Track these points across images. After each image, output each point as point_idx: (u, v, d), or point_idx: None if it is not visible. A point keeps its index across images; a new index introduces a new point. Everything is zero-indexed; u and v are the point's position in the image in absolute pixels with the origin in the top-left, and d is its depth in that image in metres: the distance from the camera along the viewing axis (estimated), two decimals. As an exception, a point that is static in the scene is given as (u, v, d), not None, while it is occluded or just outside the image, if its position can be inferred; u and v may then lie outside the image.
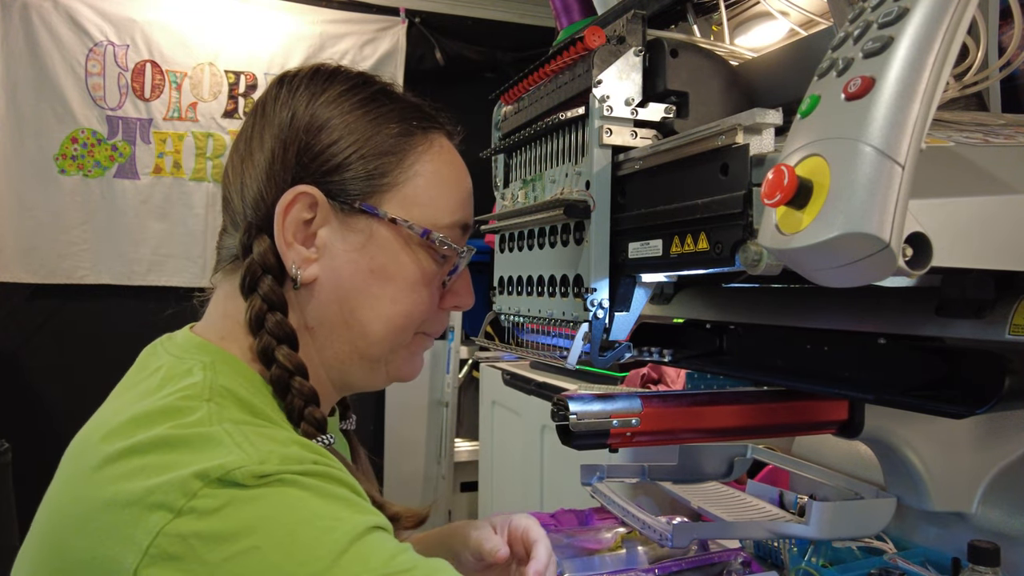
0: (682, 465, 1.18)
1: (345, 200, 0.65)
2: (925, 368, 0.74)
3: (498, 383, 1.35)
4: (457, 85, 3.16)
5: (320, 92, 0.67)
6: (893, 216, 0.45)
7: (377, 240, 0.66)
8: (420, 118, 0.70)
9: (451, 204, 0.70)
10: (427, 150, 0.69)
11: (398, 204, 0.67)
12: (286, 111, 0.66)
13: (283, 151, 0.65)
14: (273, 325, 0.63)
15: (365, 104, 0.67)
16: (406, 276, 0.67)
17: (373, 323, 0.67)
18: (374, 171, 0.66)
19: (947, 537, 0.98)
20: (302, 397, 0.63)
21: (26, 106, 2.62)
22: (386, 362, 0.70)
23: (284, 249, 0.64)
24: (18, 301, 2.62)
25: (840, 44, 0.52)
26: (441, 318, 0.74)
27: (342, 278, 0.65)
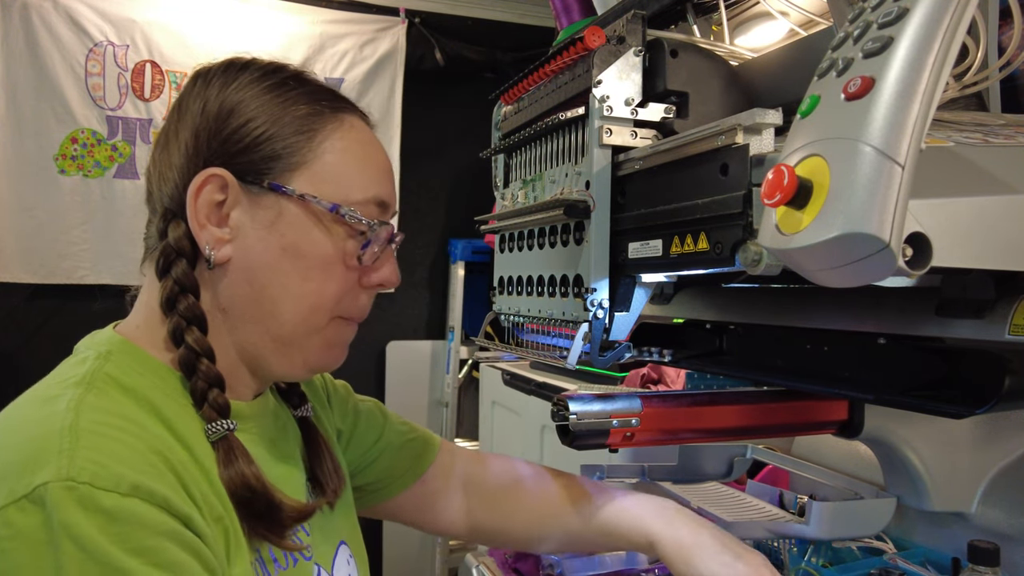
0: (682, 465, 1.19)
1: (254, 180, 0.66)
2: (925, 368, 0.74)
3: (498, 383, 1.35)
4: (457, 85, 3.16)
5: (231, 80, 0.68)
6: (893, 216, 0.45)
7: (287, 217, 0.67)
8: (330, 99, 0.71)
9: (363, 180, 0.70)
10: (337, 129, 0.70)
11: (307, 181, 0.67)
12: (199, 102, 0.68)
13: (195, 139, 0.67)
14: (184, 308, 0.65)
15: (274, 88, 0.69)
16: (318, 253, 0.67)
17: (283, 301, 0.67)
18: (282, 150, 0.67)
19: (947, 537, 0.98)
20: (206, 380, 0.64)
21: (26, 106, 2.62)
22: (300, 348, 0.70)
23: (198, 231, 0.65)
24: (18, 301, 2.62)
25: (840, 44, 0.52)
26: (361, 299, 0.73)
27: (253, 257, 0.66)
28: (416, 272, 3.22)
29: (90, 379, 0.61)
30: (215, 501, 0.61)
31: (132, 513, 0.52)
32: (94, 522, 0.51)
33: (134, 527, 0.52)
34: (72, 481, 0.51)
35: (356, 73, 2.97)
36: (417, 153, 3.10)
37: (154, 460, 0.56)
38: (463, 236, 3.14)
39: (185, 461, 0.60)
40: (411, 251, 3.17)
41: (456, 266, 3.11)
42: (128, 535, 0.52)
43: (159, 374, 0.66)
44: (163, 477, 0.56)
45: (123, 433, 0.57)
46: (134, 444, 0.56)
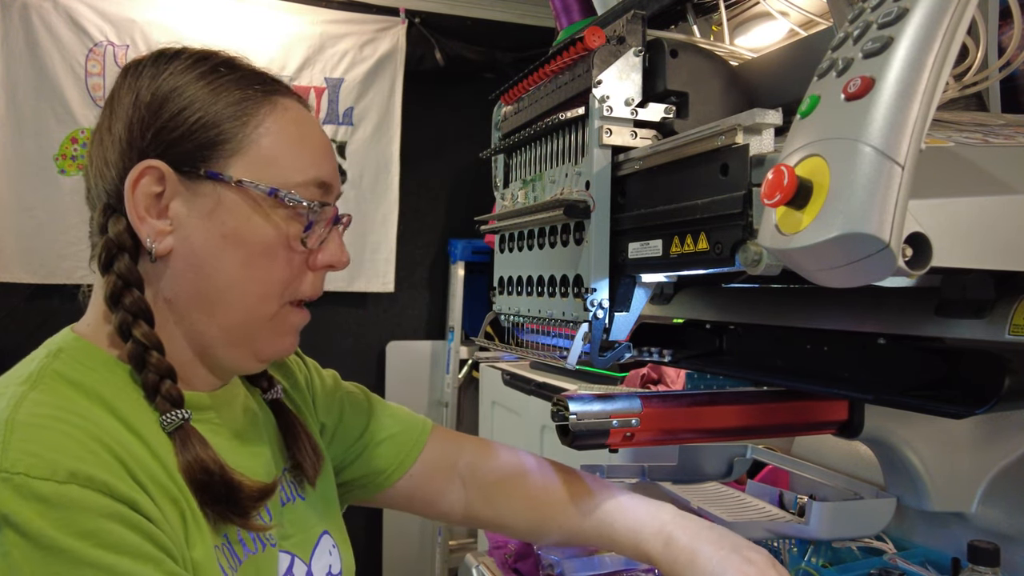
0: (682, 465, 1.19)
1: (190, 169, 0.65)
2: (925, 368, 0.74)
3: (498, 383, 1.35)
4: (457, 85, 3.16)
5: (162, 70, 0.68)
6: (893, 216, 0.45)
7: (226, 205, 0.66)
8: (263, 82, 0.70)
9: (301, 162, 0.69)
10: (271, 112, 0.69)
11: (244, 167, 0.66)
12: (131, 94, 0.67)
13: (128, 131, 0.66)
14: (129, 302, 0.65)
15: (205, 76, 0.68)
16: (260, 238, 0.67)
17: (229, 290, 0.67)
18: (216, 137, 0.66)
19: (947, 537, 0.98)
20: (157, 372, 0.65)
21: (26, 106, 2.62)
22: (250, 337, 0.70)
23: (138, 224, 0.65)
24: (18, 301, 2.62)
25: (840, 44, 0.52)
26: (312, 281, 0.72)
27: (195, 247, 0.66)
28: (416, 272, 3.22)
29: (36, 377, 0.62)
30: (170, 485, 0.61)
31: (71, 499, 0.52)
32: (34, 509, 0.51)
33: (74, 511, 0.52)
34: (6, 472, 0.52)
35: (356, 73, 2.97)
36: (417, 153, 3.10)
37: (94, 447, 0.56)
38: (463, 236, 3.14)
39: (134, 449, 0.60)
40: (411, 251, 3.17)
41: (456, 266, 3.12)
42: (70, 520, 0.52)
43: (110, 369, 0.66)
44: (104, 464, 0.56)
45: (60, 423, 0.57)
46: (72, 433, 0.56)
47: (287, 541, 0.75)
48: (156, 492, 0.59)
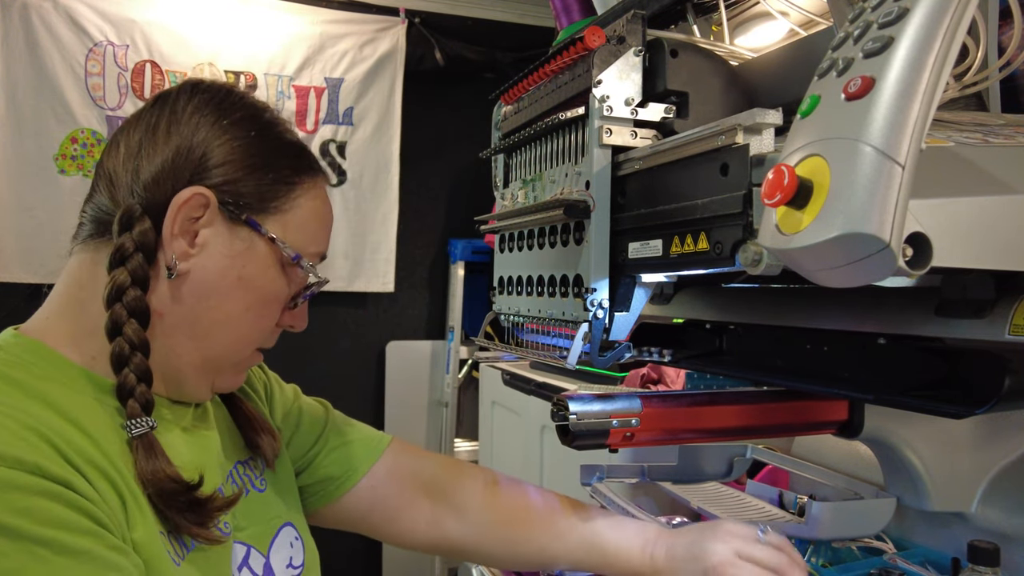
0: (682, 465, 1.18)
1: (235, 210, 0.70)
2: (925, 368, 0.74)
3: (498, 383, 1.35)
4: (457, 85, 3.16)
5: (233, 108, 0.72)
6: (893, 216, 0.45)
7: (254, 253, 0.71)
8: (310, 159, 0.77)
9: (318, 236, 0.77)
10: (311, 188, 0.76)
11: (279, 227, 0.72)
12: (196, 117, 0.71)
13: (188, 151, 0.69)
14: (131, 299, 0.66)
15: (266, 132, 0.73)
16: (268, 291, 0.73)
17: (221, 326, 0.71)
18: (266, 193, 0.72)
19: (947, 537, 0.98)
20: (137, 373, 0.66)
21: (26, 106, 2.62)
22: (218, 371, 0.74)
23: (168, 238, 0.68)
24: (18, 301, 2.62)
25: (840, 44, 0.52)
26: (275, 334, 0.78)
27: (210, 278, 0.70)
28: (416, 272, 3.22)
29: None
30: (107, 467, 0.61)
31: (2, 480, 0.53)
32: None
33: (7, 492, 0.53)
34: None
35: (356, 73, 2.97)
36: (417, 153, 3.10)
37: (24, 434, 0.57)
38: (463, 236, 3.14)
39: (68, 435, 0.60)
40: (411, 251, 3.17)
41: (456, 266, 3.11)
42: (3, 500, 0.53)
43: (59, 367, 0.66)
44: (35, 448, 0.57)
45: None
46: (2, 422, 0.57)
47: (241, 532, 0.75)
48: (92, 473, 0.60)
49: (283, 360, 0.89)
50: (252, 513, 0.78)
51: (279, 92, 2.90)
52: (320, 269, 0.78)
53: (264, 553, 0.77)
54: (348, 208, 2.99)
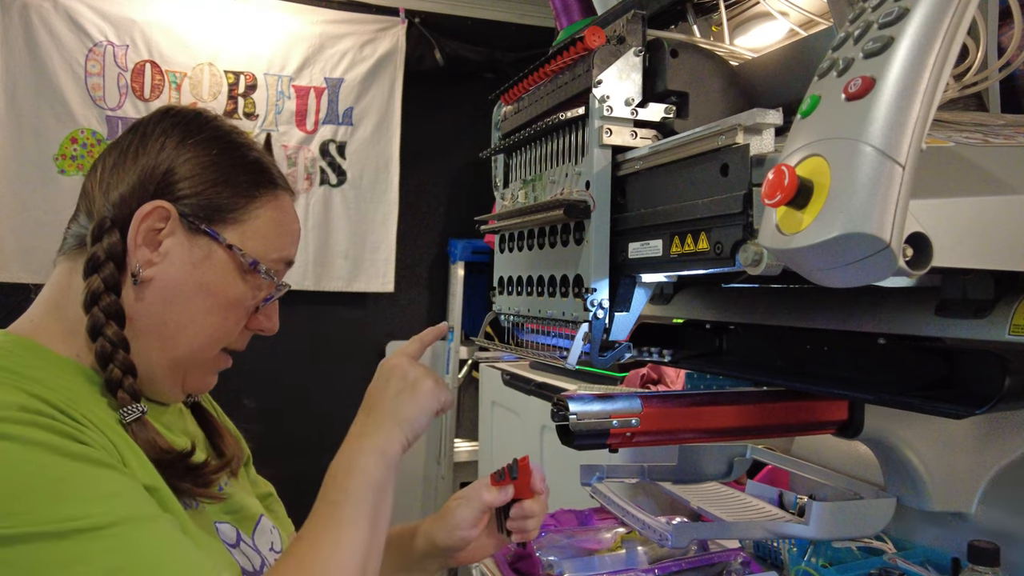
0: (682, 465, 1.18)
1: (194, 221, 0.76)
2: (925, 368, 0.74)
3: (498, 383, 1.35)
4: (457, 85, 3.15)
5: (195, 132, 0.79)
6: (894, 216, 0.45)
7: (213, 260, 0.77)
8: (271, 176, 0.82)
9: (281, 244, 0.82)
10: (271, 201, 0.81)
11: (238, 236, 0.78)
12: (163, 138, 0.77)
13: (153, 170, 0.76)
14: (106, 304, 0.73)
15: (229, 151, 0.80)
16: (228, 295, 0.78)
17: (186, 328, 0.77)
18: (224, 204, 0.78)
19: (947, 537, 0.98)
20: (122, 367, 0.72)
21: (25, 106, 2.62)
22: (187, 372, 0.79)
23: (132, 248, 0.74)
24: (17, 301, 2.62)
25: (840, 44, 0.52)
26: (244, 337, 0.83)
27: (172, 284, 0.76)
28: (416, 272, 3.22)
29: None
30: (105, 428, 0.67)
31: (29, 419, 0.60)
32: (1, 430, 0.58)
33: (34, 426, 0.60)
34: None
35: (356, 73, 2.97)
36: (417, 153, 3.10)
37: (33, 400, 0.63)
38: (463, 236, 3.14)
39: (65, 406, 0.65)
40: (411, 251, 3.17)
41: (456, 266, 3.11)
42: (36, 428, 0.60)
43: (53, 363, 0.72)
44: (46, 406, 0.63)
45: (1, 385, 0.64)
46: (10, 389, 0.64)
47: (231, 516, 0.82)
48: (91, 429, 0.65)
49: (283, 360, 0.90)
50: (234, 502, 0.84)
51: (279, 92, 2.90)
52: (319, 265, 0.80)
53: (249, 535, 0.83)
54: (348, 208, 2.99)
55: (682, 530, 0.95)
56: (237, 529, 0.81)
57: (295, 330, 3.08)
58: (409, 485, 3.12)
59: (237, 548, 0.79)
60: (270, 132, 2.88)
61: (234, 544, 0.79)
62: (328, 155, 2.97)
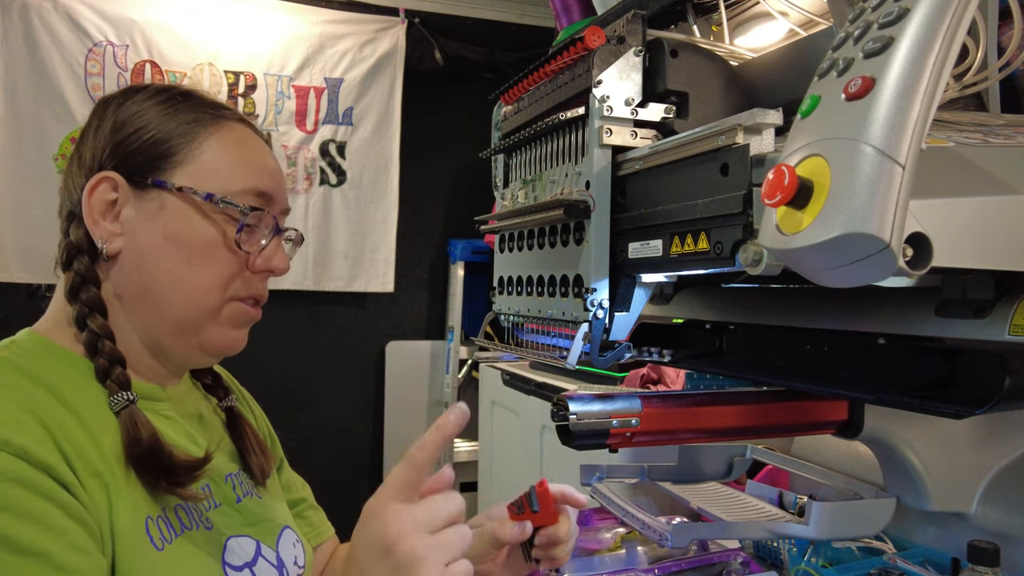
0: (682, 465, 1.18)
1: (140, 178, 0.74)
2: (925, 368, 0.74)
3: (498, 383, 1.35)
4: (457, 85, 3.16)
5: (126, 100, 0.77)
6: (894, 216, 0.45)
7: (169, 209, 0.74)
8: (213, 108, 0.79)
9: (241, 173, 0.77)
10: (216, 131, 0.77)
11: (187, 176, 0.75)
12: (97, 120, 0.77)
13: (94, 151, 0.76)
14: (86, 297, 0.73)
15: (162, 103, 0.77)
16: (199, 239, 0.75)
17: (170, 286, 0.75)
18: (164, 151, 0.75)
19: (947, 537, 0.98)
20: (107, 358, 0.72)
21: (25, 106, 2.62)
22: (196, 330, 0.76)
23: (92, 227, 0.74)
24: (17, 301, 2.62)
25: (840, 44, 0.52)
26: (253, 282, 0.79)
27: (140, 247, 0.74)
28: (416, 272, 3.22)
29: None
30: (96, 460, 0.65)
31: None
32: None
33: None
34: None
35: (356, 73, 2.97)
36: (417, 153, 3.10)
37: (23, 417, 0.61)
38: (463, 236, 3.14)
39: (66, 425, 0.64)
40: (411, 251, 3.17)
41: (456, 266, 3.12)
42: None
43: (65, 359, 0.72)
44: (28, 430, 0.61)
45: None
46: (4, 404, 0.62)
47: (252, 528, 0.80)
48: (79, 464, 0.63)
49: (284, 360, 0.90)
50: (256, 513, 0.82)
51: (279, 92, 2.90)
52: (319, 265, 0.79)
53: (273, 547, 0.81)
54: (348, 208, 2.99)
55: (682, 530, 0.95)
56: (258, 542, 0.79)
57: (295, 330, 3.09)
58: (409, 485, 3.12)
59: (254, 565, 0.76)
60: (270, 132, 2.88)
61: (250, 561, 0.76)
62: (328, 155, 2.97)
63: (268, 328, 1.39)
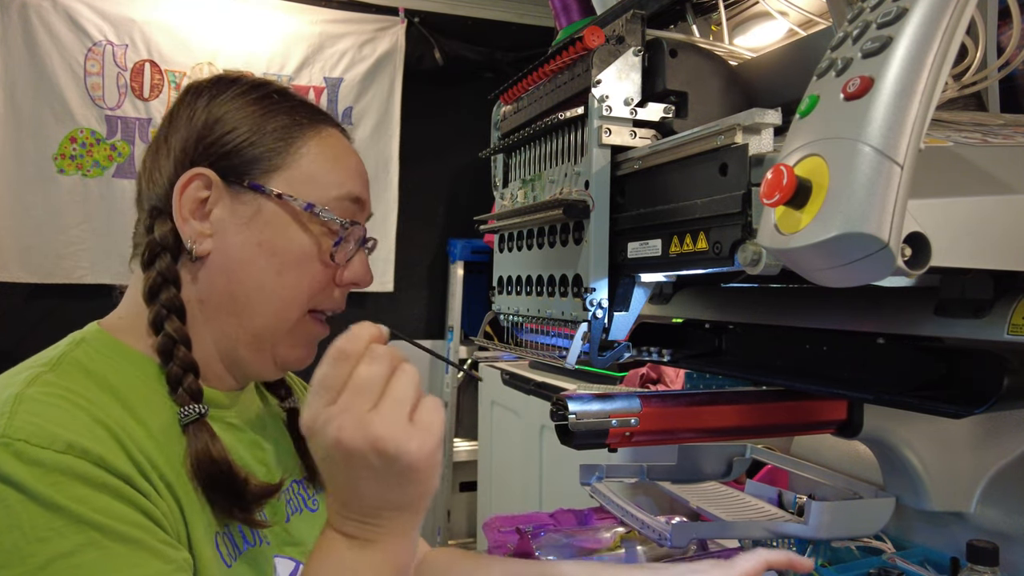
0: (681, 465, 1.18)
1: (236, 179, 0.71)
2: (924, 368, 0.74)
3: (497, 383, 1.35)
4: (456, 85, 3.16)
5: (220, 93, 0.74)
6: (892, 216, 0.45)
7: (264, 215, 0.71)
8: (310, 113, 0.77)
9: (337, 179, 0.75)
10: (313, 137, 0.75)
11: (285, 182, 0.72)
12: (189, 111, 0.73)
13: (183, 144, 0.72)
14: (165, 298, 0.70)
15: (258, 101, 0.74)
16: (293, 249, 0.72)
17: (258, 295, 0.72)
18: (262, 155, 0.72)
19: (946, 537, 0.98)
20: (181, 366, 0.69)
21: (25, 106, 2.62)
22: (272, 343, 0.74)
23: (181, 225, 0.70)
24: (17, 301, 2.62)
25: (839, 44, 0.52)
26: (335, 296, 0.76)
27: (231, 251, 0.71)
28: (416, 272, 3.22)
29: (56, 361, 0.66)
30: (167, 471, 0.63)
31: (67, 466, 0.56)
32: (31, 473, 0.55)
33: (68, 478, 0.55)
34: (7, 438, 0.55)
35: (355, 73, 2.97)
36: (417, 153, 3.10)
37: (93, 426, 0.60)
38: (462, 236, 3.14)
39: (135, 434, 0.62)
40: (411, 251, 3.17)
41: (455, 266, 3.12)
42: (63, 484, 0.55)
43: (133, 362, 0.69)
44: (101, 440, 0.59)
45: (66, 403, 0.60)
46: (75, 412, 0.60)
47: (294, 548, 0.76)
48: (152, 474, 0.62)
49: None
50: (304, 531, 0.79)
51: (278, 92, 2.90)
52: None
53: None
54: (347, 208, 3.00)
55: (681, 529, 0.95)
56: (297, 562, 0.75)
57: (295, 330, 3.09)
58: (409, 485, 3.12)
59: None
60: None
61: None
62: (328, 155, 2.97)
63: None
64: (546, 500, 2.10)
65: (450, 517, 3.17)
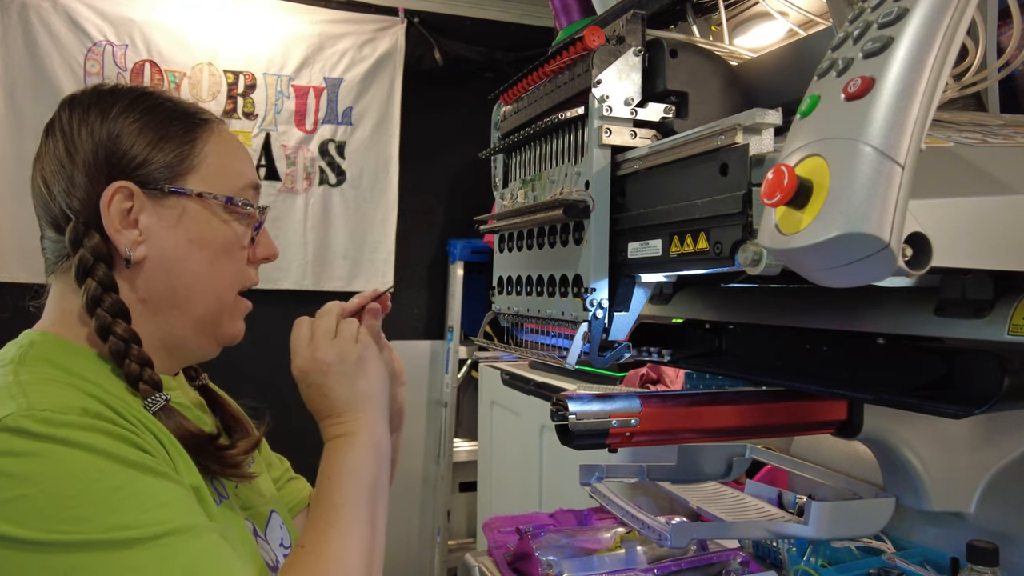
0: (681, 465, 1.18)
1: (155, 187, 0.77)
2: (924, 368, 0.74)
3: (497, 383, 1.35)
4: (456, 85, 3.15)
5: (110, 107, 0.78)
6: (893, 216, 0.45)
7: (190, 213, 0.78)
8: (198, 112, 0.83)
9: (239, 170, 0.83)
10: (210, 136, 0.81)
11: (200, 181, 0.79)
12: (86, 127, 0.77)
13: (95, 159, 0.76)
14: (109, 304, 0.74)
15: (151, 111, 0.79)
16: (219, 239, 0.80)
17: (197, 286, 0.79)
18: (172, 160, 0.78)
19: (946, 537, 0.98)
20: (138, 362, 0.74)
21: (25, 106, 2.62)
22: (214, 325, 0.82)
23: (115, 236, 0.75)
24: (17, 301, 2.62)
25: (840, 44, 0.52)
26: (252, 274, 0.85)
27: (166, 252, 0.77)
28: (415, 272, 3.21)
29: (20, 358, 0.71)
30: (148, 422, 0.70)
31: (89, 424, 0.63)
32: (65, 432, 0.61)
33: (95, 432, 0.62)
34: (33, 410, 0.62)
35: (355, 73, 2.97)
36: (417, 153, 3.10)
37: (88, 399, 0.66)
38: (462, 236, 3.14)
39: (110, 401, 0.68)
40: (410, 251, 3.17)
41: (455, 266, 3.11)
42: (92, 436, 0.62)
43: (87, 358, 0.74)
44: (101, 408, 0.66)
45: (58, 384, 0.67)
46: (69, 390, 0.67)
47: (246, 511, 0.83)
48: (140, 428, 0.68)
49: (284, 359, 0.90)
50: (249, 496, 0.85)
51: (278, 92, 2.90)
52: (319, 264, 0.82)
53: (262, 532, 0.84)
54: (347, 208, 2.99)
55: (681, 530, 0.95)
56: (253, 524, 0.82)
57: (294, 330, 3.08)
58: (408, 485, 3.12)
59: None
60: (269, 132, 2.88)
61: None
62: (327, 155, 2.97)
63: (268, 328, 1.39)
64: (546, 500, 2.10)
65: (450, 517, 3.17)
